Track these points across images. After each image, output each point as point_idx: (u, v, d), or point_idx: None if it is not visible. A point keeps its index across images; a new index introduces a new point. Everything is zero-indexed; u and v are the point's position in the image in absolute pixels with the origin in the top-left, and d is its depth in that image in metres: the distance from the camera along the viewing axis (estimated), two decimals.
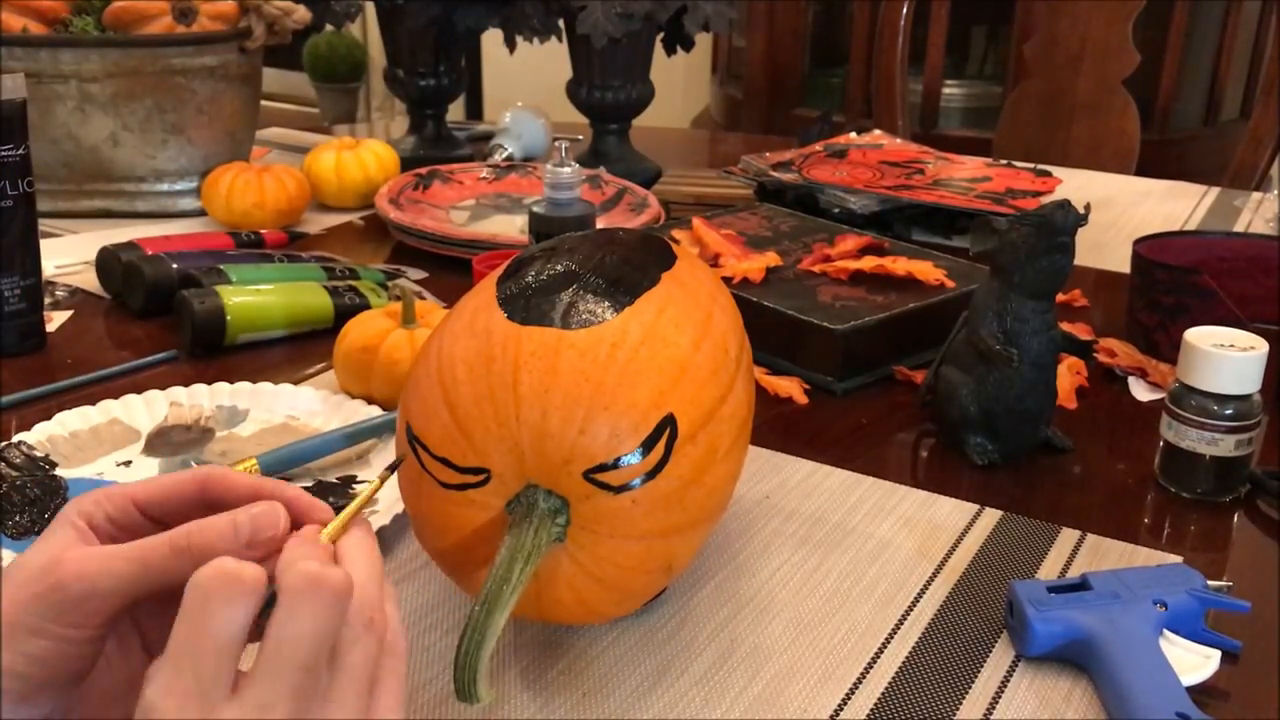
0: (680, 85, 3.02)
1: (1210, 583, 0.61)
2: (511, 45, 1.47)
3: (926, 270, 0.97)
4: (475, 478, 0.51)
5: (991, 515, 0.73)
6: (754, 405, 0.62)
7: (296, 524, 0.45)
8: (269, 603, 0.39)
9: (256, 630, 0.39)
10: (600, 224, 1.04)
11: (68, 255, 1.15)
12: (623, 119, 1.48)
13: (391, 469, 0.51)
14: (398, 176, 1.32)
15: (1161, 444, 0.76)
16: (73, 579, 0.41)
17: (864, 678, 0.58)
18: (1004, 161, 1.46)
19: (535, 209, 0.95)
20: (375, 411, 0.80)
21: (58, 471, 0.73)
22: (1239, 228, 1.35)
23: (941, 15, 1.96)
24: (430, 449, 0.52)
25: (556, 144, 0.99)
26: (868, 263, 0.99)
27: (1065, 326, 0.86)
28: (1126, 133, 1.84)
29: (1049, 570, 0.67)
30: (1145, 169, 1.78)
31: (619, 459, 0.50)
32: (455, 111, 2.10)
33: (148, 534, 0.43)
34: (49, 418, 0.78)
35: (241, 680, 0.38)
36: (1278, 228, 1.34)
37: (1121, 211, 1.42)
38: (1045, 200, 1.22)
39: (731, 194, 1.31)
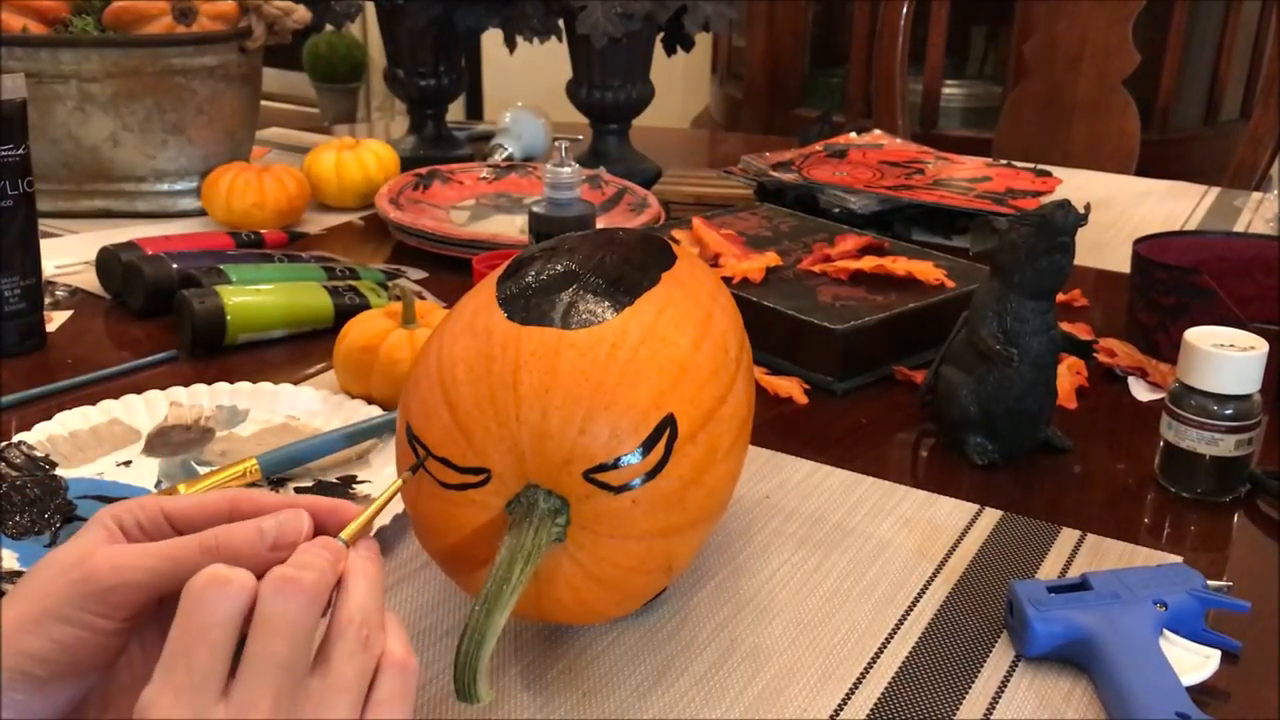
0: (680, 85, 3.02)
1: (1210, 583, 0.61)
2: (511, 45, 1.47)
3: (926, 270, 0.97)
4: (475, 478, 0.51)
5: (991, 515, 0.73)
6: (754, 405, 0.62)
7: (329, 530, 0.46)
8: None
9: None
10: (600, 224, 1.04)
11: (68, 255, 1.15)
12: (623, 119, 1.48)
13: (414, 470, 0.51)
14: (398, 176, 1.32)
15: (1161, 444, 0.76)
16: (105, 570, 0.42)
17: (864, 678, 0.58)
18: (1004, 161, 1.46)
19: (535, 209, 0.95)
20: (375, 411, 0.80)
21: (58, 471, 0.73)
22: (1239, 228, 1.35)
23: (941, 15, 1.96)
24: (430, 449, 0.52)
25: (556, 144, 0.99)
26: (868, 263, 0.99)
27: (1065, 326, 0.86)
28: (1126, 133, 1.84)
29: (1049, 570, 0.67)
30: (1145, 169, 1.78)
31: (619, 459, 0.50)
32: (455, 111, 2.10)
33: None
34: (49, 418, 0.78)
35: (229, 684, 0.39)
36: (1278, 228, 1.34)
37: (1121, 211, 1.42)
38: (1045, 200, 1.22)
39: (731, 194, 1.31)
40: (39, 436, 0.75)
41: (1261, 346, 0.73)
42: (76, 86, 1.20)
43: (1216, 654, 0.58)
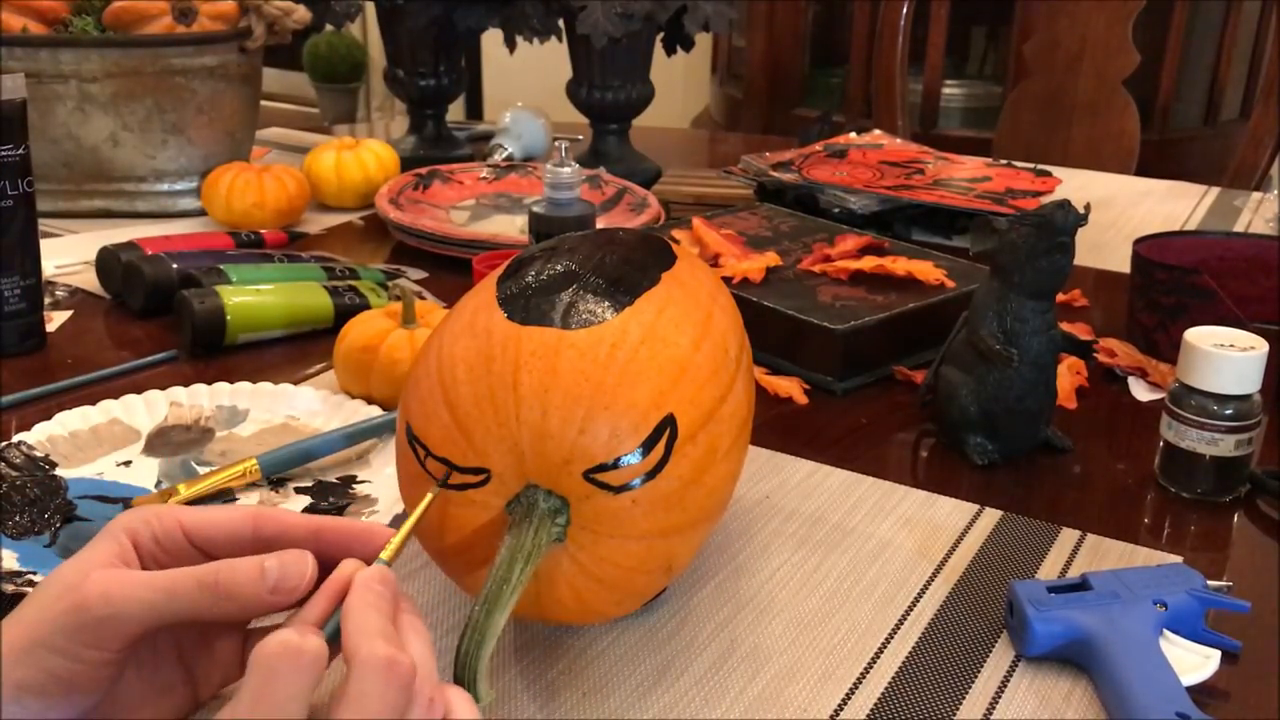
0: (680, 85, 3.02)
1: (1210, 583, 0.61)
2: (511, 45, 1.47)
3: (926, 270, 0.97)
4: (475, 478, 0.51)
5: (991, 515, 0.73)
6: (754, 405, 0.62)
7: (355, 553, 0.45)
8: None
9: None
10: (600, 224, 1.04)
11: (68, 255, 1.15)
12: (623, 119, 1.48)
13: (442, 484, 0.51)
14: (398, 176, 1.32)
15: (1161, 444, 0.76)
16: (96, 600, 0.41)
17: (864, 678, 0.58)
18: (1004, 161, 1.46)
19: (535, 209, 0.95)
20: (375, 411, 0.80)
21: (58, 471, 0.73)
22: (1239, 228, 1.35)
23: (941, 15, 1.96)
24: (430, 449, 0.52)
25: (556, 144, 0.99)
26: (868, 263, 0.99)
27: (1065, 326, 0.86)
28: (1126, 133, 1.84)
29: (1049, 570, 0.67)
30: (1145, 169, 1.78)
31: (619, 459, 0.50)
32: (455, 111, 2.10)
33: (191, 563, 0.43)
34: (49, 418, 0.78)
35: None
36: (1278, 228, 1.34)
37: (1121, 211, 1.42)
38: (1045, 200, 1.22)
39: (731, 194, 1.31)
40: (39, 436, 0.75)
41: (1261, 346, 0.73)
42: (76, 86, 1.20)
43: (1216, 654, 0.58)
